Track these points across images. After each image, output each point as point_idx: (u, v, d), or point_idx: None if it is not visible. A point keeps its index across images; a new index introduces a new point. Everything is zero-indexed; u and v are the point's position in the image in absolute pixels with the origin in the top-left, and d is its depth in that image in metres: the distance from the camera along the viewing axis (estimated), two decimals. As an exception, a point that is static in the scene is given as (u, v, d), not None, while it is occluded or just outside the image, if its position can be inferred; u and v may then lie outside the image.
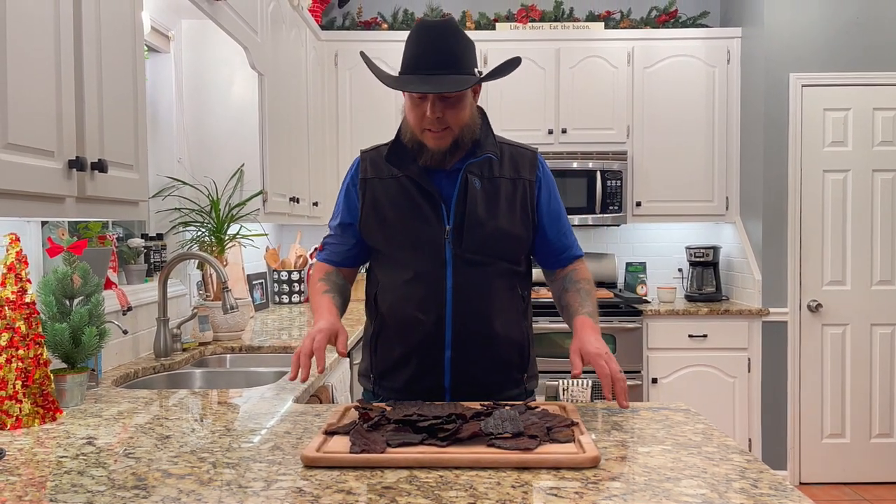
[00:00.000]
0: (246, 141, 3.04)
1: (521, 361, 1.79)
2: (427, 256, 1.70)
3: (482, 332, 1.71)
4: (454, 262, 1.69)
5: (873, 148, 3.98)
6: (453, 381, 1.72)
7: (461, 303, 1.69)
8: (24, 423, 1.58)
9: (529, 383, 1.82)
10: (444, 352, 1.71)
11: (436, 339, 1.70)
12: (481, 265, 1.70)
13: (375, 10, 4.58)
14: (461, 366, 1.71)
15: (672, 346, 3.99)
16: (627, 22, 4.45)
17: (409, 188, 1.72)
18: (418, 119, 1.65)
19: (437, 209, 1.70)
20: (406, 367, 1.74)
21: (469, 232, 1.68)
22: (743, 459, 1.32)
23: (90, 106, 1.58)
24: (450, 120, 1.64)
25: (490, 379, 1.74)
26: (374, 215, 1.75)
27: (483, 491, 1.16)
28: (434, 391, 1.73)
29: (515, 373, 1.78)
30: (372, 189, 1.76)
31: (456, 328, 1.70)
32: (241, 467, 1.30)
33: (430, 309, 1.70)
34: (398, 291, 1.74)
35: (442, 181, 1.71)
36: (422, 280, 1.71)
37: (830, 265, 4.01)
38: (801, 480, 4.02)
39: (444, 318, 1.69)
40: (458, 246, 1.69)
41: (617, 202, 4.18)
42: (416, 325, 1.71)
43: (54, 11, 1.46)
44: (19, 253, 1.64)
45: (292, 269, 4.17)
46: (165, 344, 2.48)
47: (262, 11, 3.04)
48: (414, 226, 1.71)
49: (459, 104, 1.64)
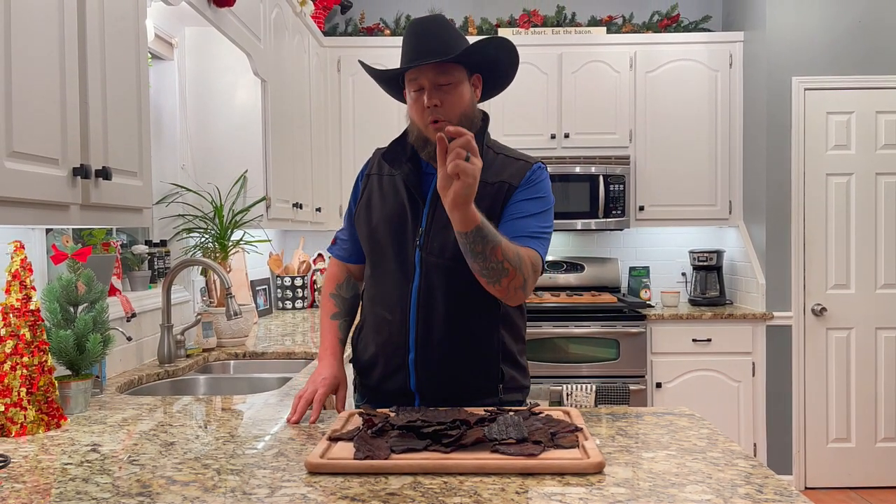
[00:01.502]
0: (249, 147, 3.05)
1: (491, 370, 1.71)
2: (399, 257, 1.71)
3: (445, 336, 1.67)
4: (421, 265, 1.68)
5: (876, 151, 3.98)
6: (419, 385, 1.70)
7: (425, 306, 1.68)
8: (29, 431, 1.59)
9: (508, 395, 1.73)
10: (408, 354, 1.70)
11: (400, 341, 1.70)
12: (445, 269, 1.66)
13: (378, 16, 4.60)
14: (425, 369, 1.69)
15: (676, 351, 3.98)
16: (629, 26, 4.46)
17: (400, 188, 1.73)
18: (420, 112, 1.66)
19: (417, 210, 1.70)
20: (376, 367, 1.77)
21: (435, 235, 1.67)
22: (748, 464, 1.32)
23: (94, 113, 1.59)
24: (446, 108, 1.64)
25: (457, 385, 1.69)
26: (364, 212, 1.78)
27: (487, 497, 1.16)
28: (403, 393, 1.72)
29: (485, 381, 1.70)
30: (370, 185, 1.79)
31: (419, 332, 1.68)
32: (246, 474, 1.30)
33: (395, 310, 1.70)
34: (374, 290, 1.77)
35: (430, 183, 1.71)
36: (392, 280, 1.72)
37: (834, 269, 4.00)
38: (806, 485, 4.01)
39: (408, 321, 1.69)
40: (426, 249, 1.68)
41: (620, 207, 4.18)
42: (383, 325, 1.72)
43: (58, 19, 1.47)
44: (24, 260, 1.65)
45: (295, 274, 4.18)
46: (169, 350, 2.48)
47: (266, 18, 3.05)
48: (393, 225, 1.72)
49: (455, 91, 1.65)
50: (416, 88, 1.66)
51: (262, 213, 3.02)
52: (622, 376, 3.92)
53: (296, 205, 3.48)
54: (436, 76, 1.63)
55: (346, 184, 4.29)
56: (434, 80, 1.64)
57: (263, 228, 3.11)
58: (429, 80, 1.64)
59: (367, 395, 1.82)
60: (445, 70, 1.64)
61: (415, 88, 1.66)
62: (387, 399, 1.73)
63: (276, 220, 3.19)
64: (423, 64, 1.61)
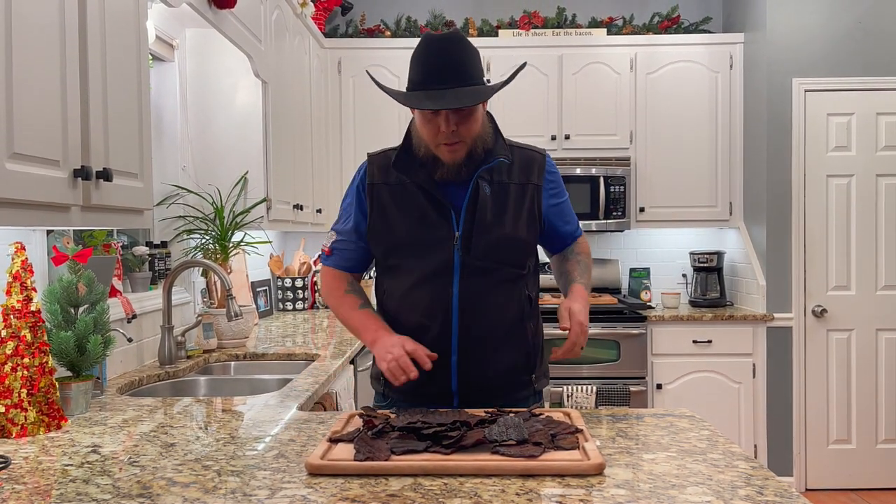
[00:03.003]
0: (250, 149, 3.06)
1: (528, 363, 1.81)
2: (434, 263, 1.71)
3: (488, 337, 1.73)
4: (461, 269, 1.70)
5: (877, 153, 3.98)
6: (460, 386, 1.74)
7: (467, 309, 1.70)
8: (30, 432, 1.59)
9: (539, 383, 1.85)
10: (450, 357, 1.72)
11: (442, 345, 1.70)
12: (488, 271, 1.72)
13: (378, 17, 4.60)
14: (467, 370, 1.73)
15: (676, 352, 3.98)
16: (630, 28, 4.46)
17: (417, 195, 1.72)
18: (432, 134, 1.66)
19: (446, 216, 1.71)
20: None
21: (477, 238, 1.70)
22: (748, 466, 1.32)
23: (95, 115, 1.59)
24: (463, 132, 1.65)
25: (497, 382, 1.76)
26: (381, 222, 1.76)
27: (487, 498, 1.16)
28: (442, 396, 1.74)
29: (523, 375, 1.80)
30: (379, 195, 1.77)
31: (461, 334, 1.71)
32: (246, 475, 1.30)
33: (436, 315, 1.71)
34: (405, 298, 1.75)
35: (450, 187, 1.72)
36: (428, 286, 1.72)
37: (835, 270, 4.00)
38: (807, 487, 4.01)
39: (450, 324, 1.71)
40: (467, 253, 1.70)
41: (620, 208, 4.18)
42: (422, 332, 1.72)
43: (59, 20, 1.47)
44: (25, 261, 1.65)
45: (296, 276, 4.18)
46: (170, 351, 2.48)
47: (266, 20, 3.05)
48: (421, 233, 1.72)
49: (472, 116, 1.66)
50: (431, 110, 1.64)
51: (262, 215, 3.02)
52: (623, 377, 3.92)
53: (296, 206, 3.48)
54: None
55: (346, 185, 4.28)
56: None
57: (264, 230, 3.11)
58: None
59: (399, 399, 1.79)
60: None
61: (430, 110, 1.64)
62: (424, 401, 1.73)
63: (276, 221, 3.20)
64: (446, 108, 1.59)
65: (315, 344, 2.97)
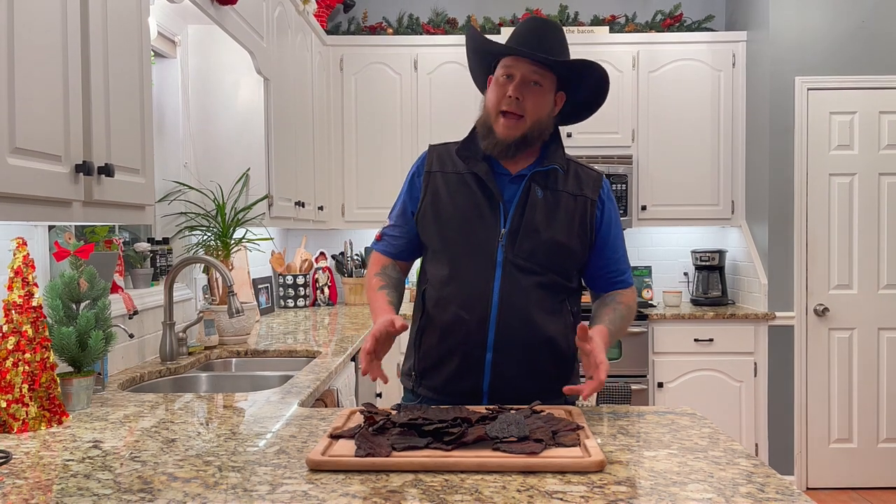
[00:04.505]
0: (252, 145, 3.06)
1: (563, 374, 1.75)
2: (478, 256, 1.70)
3: (525, 338, 1.69)
4: (504, 266, 1.69)
5: (879, 151, 3.97)
6: (492, 384, 1.71)
7: (506, 306, 1.68)
8: (31, 427, 1.59)
9: (571, 395, 1.77)
10: (485, 353, 1.69)
11: (478, 340, 1.69)
12: (531, 272, 1.69)
13: (380, 14, 4.59)
14: (501, 369, 1.70)
15: (678, 351, 3.98)
16: (632, 26, 4.46)
17: (472, 186, 1.73)
18: (498, 99, 1.68)
19: (495, 211, 1.71)
20: (447, 366, 1.73)
21: (524, 237, 1.69)
22: (749, 464, 1.32)
23: (97, 111, 1.59)
24: (527, 105, 1.67)
25: (529, 386, 1.71)
26: (431, 209, 1.76)
27: (488, 495, 1.16)
28: (473, 393, 1.71)
29: (557, 384, 1.70)
30: (434, 182, 1.77)
31: (499, 331, 1.69)
32: (247, 471, 1.30)
33: (475, 309, 1.69)
34: (445, 289, 1.73)
35: (505, 184, 1.73)
36: (469, 279, 1.70)
37: (837, 269, 4.00)
38: (808, 485, 4.00)
39: (487, 320, 1.69)
40: (511, 250, 1.69)
41: (622, 206, 4.18)
42: (459, 325, 1.70)
43: (61, 17, 1.47)
44: (26, 257, 1.65)
45: (297, 273, 4.18)
46: (171, 348, 2.48)
47: (269, 17, 3.05)
48: (469, 224, 1.71)
49: (541, 93, 1.68)
50: (506, 74, 1.68)
51: (264, 212, 3.02)
52: (624, 376, 3.91)
53: (298, 203, 3.48)
54: (530, 72, 1.67)
55: (348, 182, 4.29)
56: (527, 75, 1.67)
57: (266, 226, 3.11)
58: (521, 73, 1.67)
59: (429, 396, 1.76)
60: (541, 71, 1.68)
61: (505, 74, 1.68)
62: (453, 399, 1.70)
63: (278, 218, 3.20)
64: (530, 56, 1.65)
65: (316, 341, 2.97)
